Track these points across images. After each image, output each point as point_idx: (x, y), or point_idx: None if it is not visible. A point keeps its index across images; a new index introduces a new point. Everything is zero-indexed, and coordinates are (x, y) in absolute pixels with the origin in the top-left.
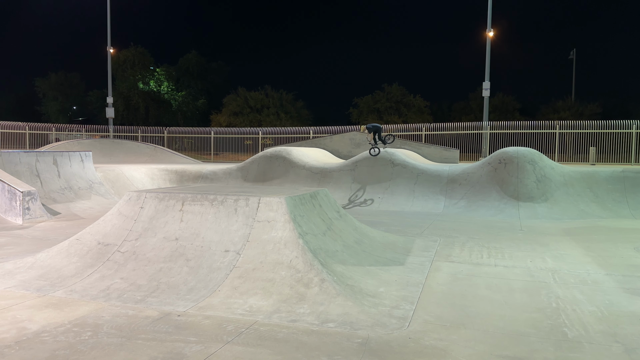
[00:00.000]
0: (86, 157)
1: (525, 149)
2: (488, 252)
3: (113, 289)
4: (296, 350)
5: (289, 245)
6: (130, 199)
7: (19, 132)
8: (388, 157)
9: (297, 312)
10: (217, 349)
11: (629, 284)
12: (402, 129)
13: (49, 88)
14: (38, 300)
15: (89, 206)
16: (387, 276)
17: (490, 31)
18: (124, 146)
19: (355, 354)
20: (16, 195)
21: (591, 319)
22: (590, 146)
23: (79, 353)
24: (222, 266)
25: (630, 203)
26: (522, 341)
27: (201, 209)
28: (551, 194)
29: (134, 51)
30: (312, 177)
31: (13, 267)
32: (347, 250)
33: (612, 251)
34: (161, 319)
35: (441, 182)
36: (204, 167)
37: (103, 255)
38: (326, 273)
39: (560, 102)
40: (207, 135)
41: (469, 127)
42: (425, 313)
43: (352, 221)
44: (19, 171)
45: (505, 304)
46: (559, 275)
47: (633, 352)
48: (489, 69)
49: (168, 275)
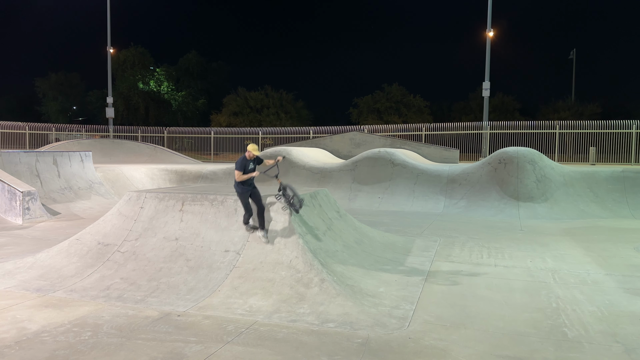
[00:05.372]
0: (86, 157)
1: (525, 149)
2: (488, 252)
3: (113, 289)
4: (296, 350)
5: (289, 245)
6: (130, 199)
7: (19, 132)
8: (388, 157)
9: (297, 312)
10: (217, 349)
11: (629, 284)
12: (402, 129)
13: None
14: (38, 300)
15: (88, 206)
16: (387, 276)
17: (490, 31)
18: (124, 146)
19: (355, 354)
20: (16, 195)
21: (591, 319)
22: (590, 146)
23: (79, 353)
24: (222, 266)
25: (630, 203)
26: (522, 341)
27: (201, 209)
28: (551, 194)
29: (134, 51)
30: (312, 177)
31: (13, 267)
32: (347, 250)
33: (612, 251)
34: (161, 319)
35: (441, 182)
36: (204, 167)
37: (103, 255)
38: (326, 273)
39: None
40: (207, 135)
41: (469, 127)
42: (425, 313)
43: (352, 221)
44: (19, 171)
45: (505, 304)
46: (559, 275)
47: (633, 352)
48: (489, 69)
49: (168, 275)
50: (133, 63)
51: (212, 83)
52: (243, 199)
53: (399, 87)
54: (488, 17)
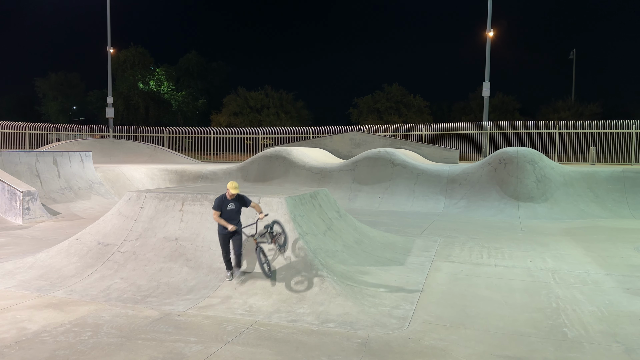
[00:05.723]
0: (86, 157)
1: (525, 149)
2: (488, 252)
3: (113, 289)
4: (296, 350)
5: (289, 245)
6: (130, 199)
7: (19, 132)
8: (388, 157)
9: (297, 312)
10: (217, 349)
11: (629, 284)
12: (402, 129)
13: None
14: (38, 300)
15: (89, 206)
16: (387, 276)
17: (490, 31)
18: (123, 146)
19: (355, 354)
20: (16, 195)
21: (591, 319)
22: (590, 146)
23: (79, 353)
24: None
25: (630, 203)
26: (522, 341)
27: (201, 209)
28: (551, 194)
29: (134, 51)
30: (312, 177)
31: (13, 267)
32: (347, 250)
33: (612, 251)
34: (161, 319)
35: (441, 182)
36: (204, 167)
37: (103, 255)
38: (326, 273)
39: (560, 102)
40: (207, 135)
41: (469, 127)
42: (425, 313)
43: (352, 221)
44: (19, 171)
45: (505, 304)
46: (559, 275)
47: (633, 352)
48: (489, 69)
49: (168, 275)
50: (133, 63)
51: (212, 83)
52: (220, 238)
53: (399, 87)
54: (488, 17)
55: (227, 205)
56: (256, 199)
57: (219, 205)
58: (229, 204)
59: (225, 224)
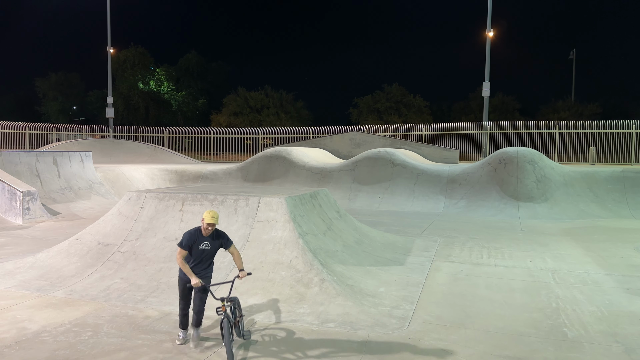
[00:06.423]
0: (86, 157)
1: (525, 149)
2: (488, 252)
3: (113, 289)
4: (296, 350)
5: (289, 245)
6: (130, 199)
7: (19, 132)
8: (388, 157)
9: (297, 312)
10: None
11: (629, 284)
12: (402, 129)
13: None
14: (38, 300)
15: (89, 206)
16: (387, 276)
17: (490, 31)
18: (124, 146)
19: (355, 354)
20: (16, 195)
21: (591, 319)
22: (590, 146)
23: (79, 353)
24: (222, 266)
25: (630, 203)
26: (522, 341)
27: (201, 209)
28: (551, 194)
29: (134, 51)
30: (312, 177)
31: (13, 267)
32: (347, 250)
33: (612, 251)
34: (161, 319)
35: (441, 182)
36: (204, 167)
37: (103, 255)
38: (326, 273)
39: (560, 102)
40: (207, 135)
41: (469, 127)
42: (425, 313)
43: (352, 221)
44: (19, 171)
45: (505, 304)
46: (559, 275)
47: (633, 352)
48: (488, 69)
49: (168, 275)
50: (133, 63)
51: (212, 83)
52: (179, 284)
53: (399, 87)
54: (488, 17)
55: (200, 243)
56: (256, 199)
57: (189, 244)
58: (203, 242)
59: (190, 273)
